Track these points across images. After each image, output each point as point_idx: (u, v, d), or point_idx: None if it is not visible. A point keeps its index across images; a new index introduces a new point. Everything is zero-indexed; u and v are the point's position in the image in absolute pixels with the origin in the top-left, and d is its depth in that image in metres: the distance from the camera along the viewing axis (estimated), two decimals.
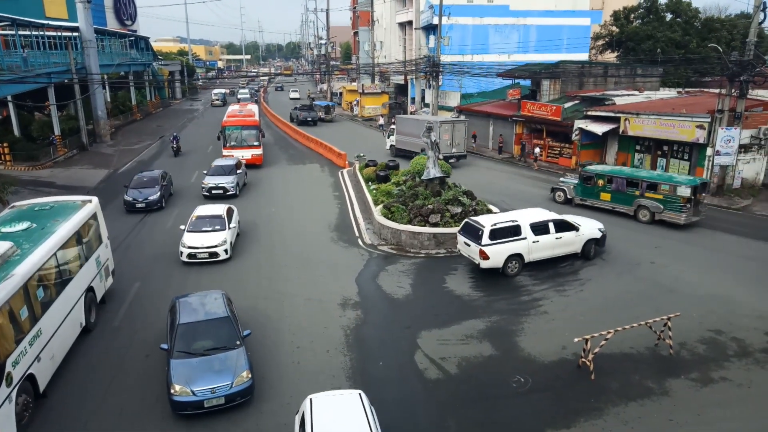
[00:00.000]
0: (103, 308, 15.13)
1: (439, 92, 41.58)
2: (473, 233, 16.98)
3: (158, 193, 24.63)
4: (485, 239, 16.54)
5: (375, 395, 11.29)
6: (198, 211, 20.05)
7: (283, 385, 11.65)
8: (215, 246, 18.14)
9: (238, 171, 28.01)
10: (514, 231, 17.04)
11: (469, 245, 17.08)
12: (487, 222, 17.07)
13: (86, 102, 40.66)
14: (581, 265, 17.91)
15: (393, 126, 39.25)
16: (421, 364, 12.41)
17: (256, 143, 33.28)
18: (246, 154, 32.23)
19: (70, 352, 12.71)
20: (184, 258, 18.13)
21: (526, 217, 17.77)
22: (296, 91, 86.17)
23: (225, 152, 32.08)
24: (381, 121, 51.80)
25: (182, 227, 19.09)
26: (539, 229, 17.39)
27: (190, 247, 18.09)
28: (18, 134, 36.33)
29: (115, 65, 52.37)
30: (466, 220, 18.07)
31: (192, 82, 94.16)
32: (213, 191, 26.46)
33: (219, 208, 20.09)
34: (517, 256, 17.07)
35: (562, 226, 17.85)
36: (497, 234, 16.70)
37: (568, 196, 25.17)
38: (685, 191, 21.14)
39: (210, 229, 18.81)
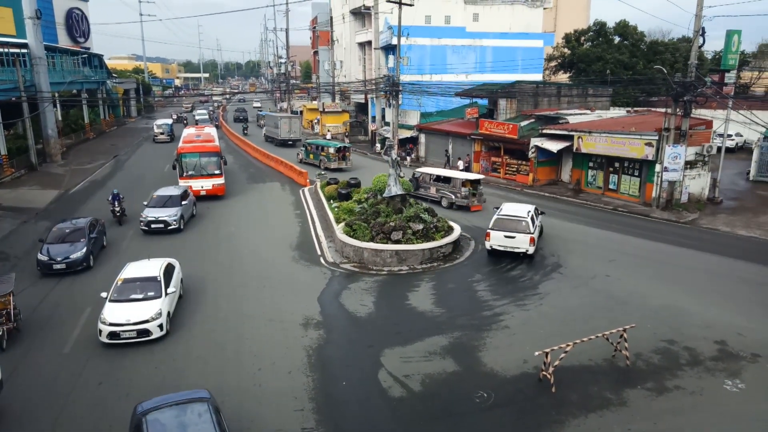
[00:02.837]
0: None
1: (399, 111, 42.04)
2: (514, 225, 19.48)
3: (83, 249, 19.03)
4: (531, 228, 19.38)
5: (338, 415, 11.18)
6: (126, 271, 15.62)
7: (245, 409, 11.36)
8: (146, 321, 13.86)
9: (184, 202, 24.61)
10: (534, 219, 20.09)
11: (513, 237, 19.35)
12: (523, 213, 20.00)
13: (36, 120, 39.25)
14: (540, 279, 18.27)
15: (263, 120, 60.17)
16: (385, 382, 12.33)
17: (217, 171, 29.40)
18: (206, 184, 28.90)
19: None
20: (104, 338, 13.74)
21: (528, 207, 21.09)
22: (258, 101, 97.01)
23: (181, 182, 28.07)
24: (329, 135, 55.46)
25: (103, 294, 14.71)
26: (536, 215, 20.77)
27: (111, 324, 13.68)
28: None
29: (67, 83, 50.87)
30: (496, 216, 20.21)
31: (148, 100, 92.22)
32: (152, 226, 22.96)
33: (153, 267, 15.72)
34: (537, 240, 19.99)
35: (537, 212, 21.45)
36: (533, 223, 19.73)
37: (301, 158, 41.69)
38: (332, 151, 38.43)
39: (140, 296, 14.55)
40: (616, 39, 55.92)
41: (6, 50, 39.13)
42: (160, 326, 14.07)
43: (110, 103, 69.02)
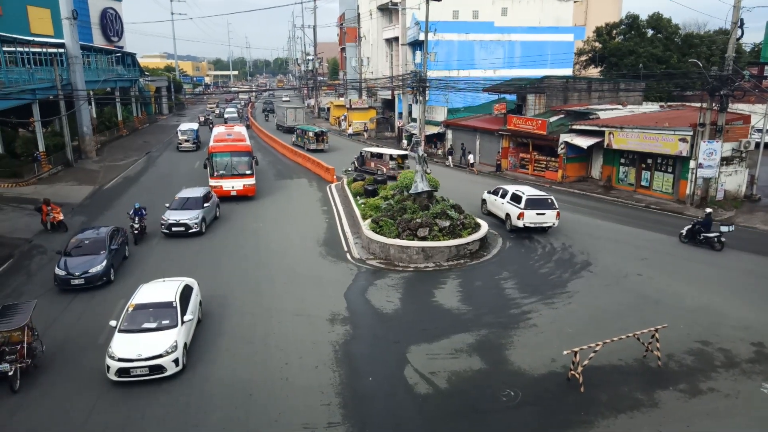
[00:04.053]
0: None
1: (426, 107, 41.89)
2: (543, 204, 21.95)
3: (103, 263, 17.59)
4: (556, 204, 22.14)
5: (364, 411, 11.23)
6: (138, 295, 13.94)
7: (272, 402, 11.50)
8: (159, 356, 12.20)
9: (206, 204, 23.92)
10: None
11: (544, 213, 21.76)
12: (544, 193, 22.89)
13: (72, 118, 40.40)
14: (569, 277, 18.00)
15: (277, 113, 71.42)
16: (411, 378, 12.33)
17: (248, 171, 28.79)
18: (237, 185, 28.44)
19: None
20: (113, 375, 12.08)
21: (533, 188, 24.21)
22: (288, 97, 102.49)
23: (212, 182, 28.04)
24: (350, 130, 58.52)
25: (112, 323, 13.17)
26: None
27: (121, 360, 12.05)
28: (2, 151, 35.95)
29: (102, 81, 52.18)
30: (526, 197, 22.04)
31: (179, 98, 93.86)
32: (173, 229, 22.33)
33: (169, 290, 14.08)
34: None
35: None
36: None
37: (293, 141, 48.88)
38: (311, 134, 46.03)
39: (154, 326, 12.98)
40: (650, 32, 54.48)
41: (44, 50, 40.39)
42: (176, 361, 12.41)
43: (143, 100, 70.50)
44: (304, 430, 10.65)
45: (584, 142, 31.04)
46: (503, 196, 23.73)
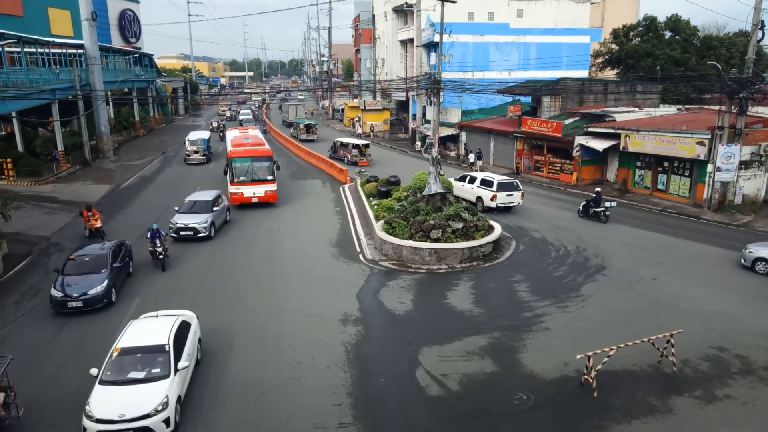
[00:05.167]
0: None
1: (440, 108, 41.80)
2: (511, 186, 25.84)
3: (104, 283, 15.92)
4: (521, 186, 26.35)
5: (376, 412, 11.24)
6: (125, 336, 11.76)
7: (284, 402, 11.56)
8: (146, 416, 10.09)
9: (216, 208, 23.39)
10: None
11: (512, 195, 25.62)
12: (510, 177, 27.82)
13: (90, 118, 40.98)
14: (583, 280, 17.86)
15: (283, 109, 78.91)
16: (423, 380, 12.31)
17: (269, 177, 27.67)
18: (258, 191, 27.40)
19: None
20: None
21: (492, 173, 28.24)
22: (302, 95, 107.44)
23: (232, 189, 27.20)
24: (359, 130, 58.61)
25: (93, 372, 10.87)
26: None
27: (99, 421, 9.95)
28: (22, 150, 36.58)
29: (119, 82, 52.89)
30: (498, 181, 25.74)
31: (195, 99, 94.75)
32: (181, 233, 21.86)
33: (162, 328, 11.95)
34: None
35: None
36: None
37: (291, 132, 55.21)
38: (302, 126, 53.38)
39: (142, 375, 10.88)
40: (667, 34, 53.82)
41: (64, 51, 41.02)
42: (166, 421, 10.25)
43: (159, 101, 71.32)
44: (315, 430, 10.68)
45: (600, 145, 30.77)
46: (472, 182, 27.08)
